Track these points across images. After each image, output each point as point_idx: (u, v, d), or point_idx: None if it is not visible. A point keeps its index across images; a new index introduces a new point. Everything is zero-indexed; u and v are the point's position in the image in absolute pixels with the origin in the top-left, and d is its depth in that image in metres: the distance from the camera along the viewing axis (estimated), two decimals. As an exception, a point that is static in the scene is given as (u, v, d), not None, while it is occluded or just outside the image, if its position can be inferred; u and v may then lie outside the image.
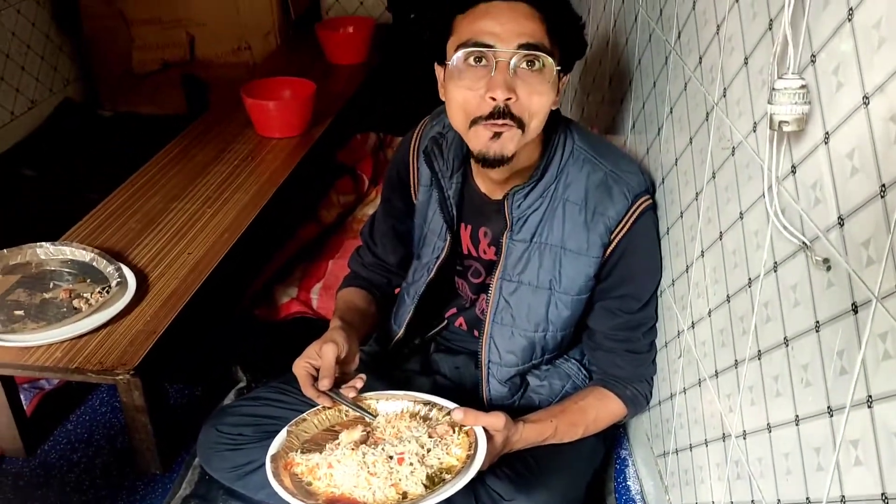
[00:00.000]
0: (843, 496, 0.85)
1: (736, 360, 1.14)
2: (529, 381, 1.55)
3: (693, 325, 1.31)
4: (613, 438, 1.76)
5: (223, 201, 2.12)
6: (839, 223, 0.84)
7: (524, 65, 1.24)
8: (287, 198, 2.28)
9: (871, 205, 0.78)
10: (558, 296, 1.45)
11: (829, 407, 0.88)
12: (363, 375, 1.39)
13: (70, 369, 1.58)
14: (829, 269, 0.87)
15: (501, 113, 1.24)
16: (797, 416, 0.95)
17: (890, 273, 0.75)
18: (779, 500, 1.01)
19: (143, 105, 3.44)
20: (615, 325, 1.47)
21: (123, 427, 1.83)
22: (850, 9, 0.81)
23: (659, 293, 1.48)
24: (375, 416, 1.35)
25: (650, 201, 1.42)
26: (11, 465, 1.76)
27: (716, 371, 1.22)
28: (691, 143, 1.30)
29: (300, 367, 1.37)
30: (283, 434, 1.31)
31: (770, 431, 1.03)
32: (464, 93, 1.26)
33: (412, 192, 1.60)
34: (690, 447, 1.36)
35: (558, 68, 1.27)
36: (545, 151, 1.38)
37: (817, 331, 0.90)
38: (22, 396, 1.78)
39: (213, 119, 2.65)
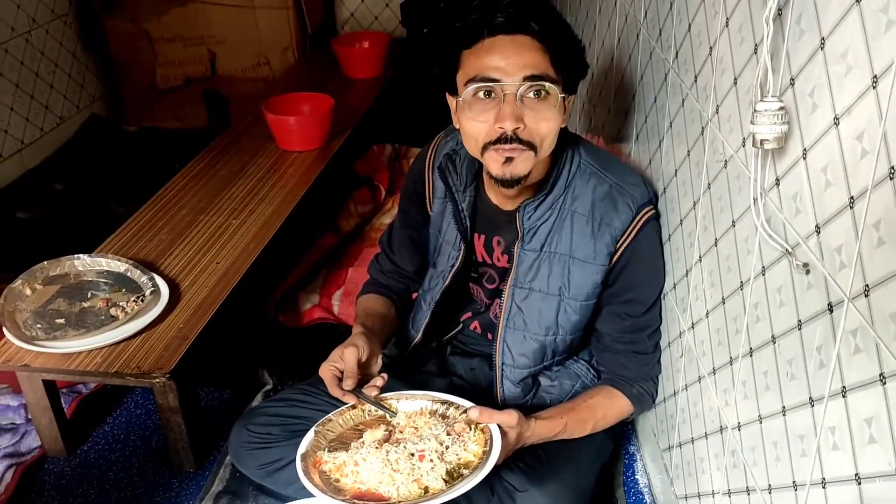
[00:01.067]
0: (824, 478, 0.94)
1: (731, 358, 1.23)
2: (541, 382, 1.64)
3: (693, 326, 1.40)
4: (622, 435, 1.84)
5: (248, 213, 2.22)
6: (816, 231, 0.93)
7: (531, 94, 1.33)
8: (308, 209, 2.38)
9: (842, 215, 0.87)
10: (567, 301, 1.54)
11: (810, 398, 0.97)
12: (384, 375, 1.49)
13: (110, 373, 1.69)
14: (808, 272, 0.96)
15: (509, 138, 1.33)
16: (784, 407, 1.04)
17: (859, 276, 0.84)
18: (769, 486, 1.10)
19: (167, 119, 3.55)
20: (622, 328, 1.56)
21: (157, 428, 1.94)
22: (822, 38, 0.90)
23: (662, 297, 1.57)
24: (396, 414, 1.44)
25: (653, 211, 1.50)
26: (54, 465, 1.86)
27: (713, 368, 1.31)
28: (689, 155, 1.40)
29: (326, 371, 1.47)
30: (311, 434, 1.40)
31: (761, 422, 1.12)
32: (475, 124, 1.36)
33: (427, 204, 1.69)
34: (692, 440, 1.44)
35: (563, 95, 1.36)
36: (554, 166, 1.47)
37: (799, 329, 0.99)
38: (62, 400, 1.89)
39: (236, 134, 2.75)
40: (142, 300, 1.85)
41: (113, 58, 3.51)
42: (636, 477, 1.77)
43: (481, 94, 1.34)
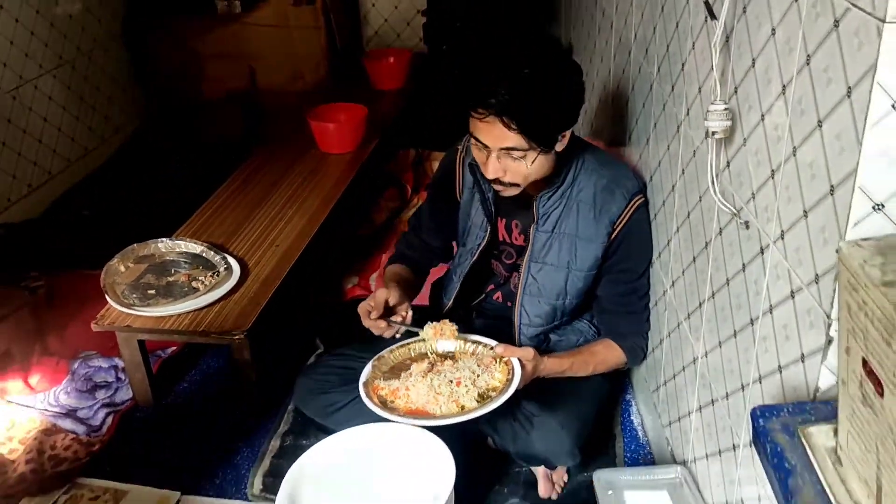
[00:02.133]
0: (760, 375, 1.30)
1: (699, 302, 1.59)
2: (551, 338, 2.00)
3: (673, 284, 1.76)
4: (620, 385, 2.19)
5: (299, 204, 2.60)
6: (752, 197, 1.30)
7: (508, 157, 1.69)
8: (347, 202, 2.75)
9: (767, 184, 1.24)
10: (574, 272, 1.90)
11: (751, 319, 1.33)
12: (408, 306, 1.85)
13: (197, 332, 2.05)
14: (747, 227, 1.32)
15: (495, 181, 1.73)
16: (735, 330, 1.40)
17: (777, 225, 1.20)
18: (727, 394, 1.46)
19: (208, 129, 3.90)
20: (617, 292, 1.92)
21: (229, 384, 2.30)
22: (753, 59, 1.27)
23: (650, 266, 1.93)
24: (418, 335, 1.81)
25: (643, 199, 1.87)
26: (143, 413, 2.23)
27: (688, 314, 1.67)
28: (668, 149, 1.76)
29: (362, 307, 1.83)
30: (369, 366, 1.77)
31: (720, 347, 1.48)
32: (476, 159, 1.76)
33: (457, 193, 2.05)
34: (674, 376, 1.80)
35: (539, 151, 1.68)
36: (563, 165, 1.83)
37: (743, 270, 1.35)
38: (149, 360, 2.26)
39: (279, 140, 3.14)
40: (217, 275, 2.22)
41: (161, 73, 3.89)
42: (631, 419, 2.13)
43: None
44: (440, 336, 1.80)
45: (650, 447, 2.01)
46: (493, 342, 1.79)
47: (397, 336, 1.82)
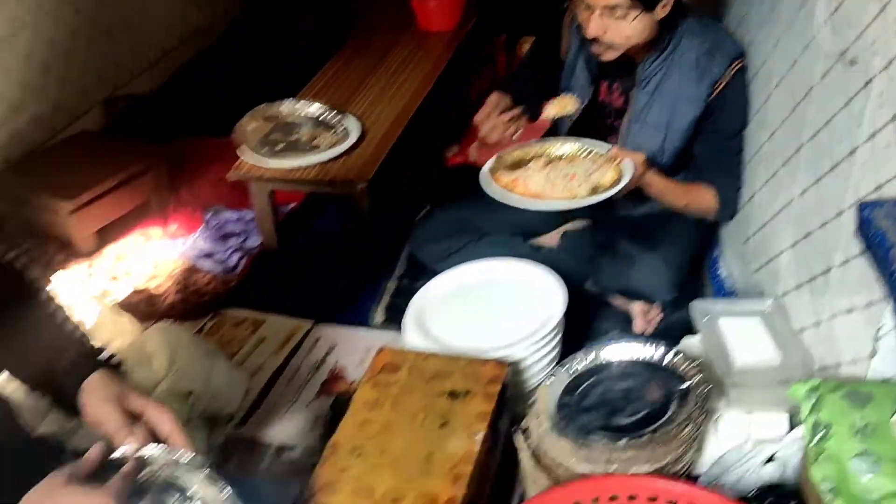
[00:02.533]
0: (858, 199, 1.44)
1: (798, 147, 1.72)
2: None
3: (771, 136, 1.89)
4: (709, 240, 2.33)
5: (406, 74, 2.79)
6: (860, 35, 1.42)
7: (610, 14, 1.83)
8: (448, 78, 2.91)
9: (875, 20, 1.36)
10: (672, 132, 2.05)
11: (851, 149, 1.46)
12: (520, 109, 2.02)
13: (324, 182, 2.27)
14: (852, 64, 1.45)
15: (594, 40, 1.87)
16: (834, 163, 1.54)
17: (882, 60, 1.33)
18: (823, 223, 1.60)
19: (308, 11, 4.02)
20: (713, 150, 2.07)
21: (347, 235, 2.51)
22: None
23: (746, 127, 2.05)
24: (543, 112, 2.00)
25: (742, 63, 1.99)
26: (270, 257, 2.47)
27: (785, 160, 1.80)
28: (773, 10, 1.87)
29: (478, 114, 2.01)
30: (493, 159, 1.95)
31: (817, 183, 1.62)
32: (579, 18, 1.90)
33: (561, 51, 2.18)
34: (764, 225, 1.94)
35: (639, 12, 1.82)
36: (667, 33, 1.96)
37: (846, 105, 1.48)
38: (274, 212, 2.49)
39: (378, 21, 3.29)
40: (336, 134, 2.42)
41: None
42: (719, 272, 2.28)
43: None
44: (563, 109, 1.97)
45: (738, 295, 2.18)
46: (607, 145, 1.95)
47: (514, 137, 2.00)
